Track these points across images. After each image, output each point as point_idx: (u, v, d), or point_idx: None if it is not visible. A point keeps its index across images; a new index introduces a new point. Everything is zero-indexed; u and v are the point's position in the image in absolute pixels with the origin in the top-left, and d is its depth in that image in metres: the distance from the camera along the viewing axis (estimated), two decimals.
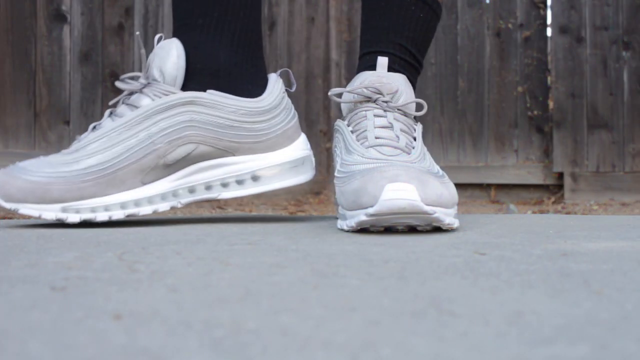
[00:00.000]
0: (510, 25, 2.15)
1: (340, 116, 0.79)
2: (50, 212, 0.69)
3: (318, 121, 2.18)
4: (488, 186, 2.14)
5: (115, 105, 0.76)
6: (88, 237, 0.61)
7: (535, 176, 2.12)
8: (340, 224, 0.67)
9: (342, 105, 0.77)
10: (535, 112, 2.14)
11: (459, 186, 2.44)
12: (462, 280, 0.40)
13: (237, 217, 0.90)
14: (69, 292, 0.36)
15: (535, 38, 2.14)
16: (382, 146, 0.68)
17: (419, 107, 0.75)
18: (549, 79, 2.14)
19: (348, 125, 0.73)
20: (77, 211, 0.70)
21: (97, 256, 0.49)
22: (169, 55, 0.73)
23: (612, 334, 0.28)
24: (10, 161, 1.82)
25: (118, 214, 0.71)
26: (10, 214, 1.45)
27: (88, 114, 1.85)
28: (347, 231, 0.65)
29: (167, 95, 0.73)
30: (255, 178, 0.75)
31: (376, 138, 0.69)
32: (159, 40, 0.76)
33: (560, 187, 2.11)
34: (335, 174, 0.71)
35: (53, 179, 0.69)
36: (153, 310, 0.32)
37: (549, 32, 2.14)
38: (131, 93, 0.75)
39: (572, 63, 2.09)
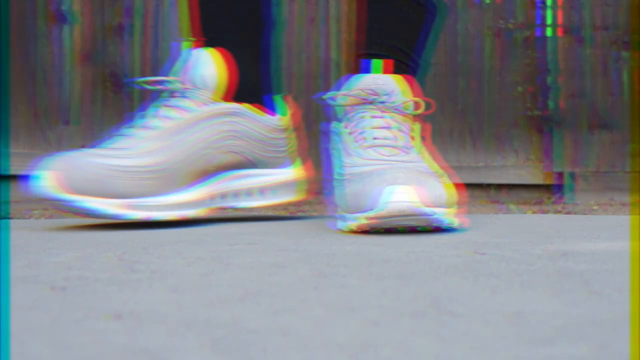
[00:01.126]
0: (510, 25, 2.15)
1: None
2: (112, 207, 0.65)
3: (318, 121, 2.17)
4: (488, 186, 2.14)
5: (144, 106, 0.76)
6: (88, 237, 0.61)
7: (535, 176, 2.12)
8: (340, 226, 0.67)
9: (337, 109, 0.78)
10: (535, 112, 2.14)
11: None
12: (462, 280, 0.40)
13: (237, 217, 0.89)
14: (69, 292, 0.36)
15: (535, 38, 2.14)
16: (381, 147, 0.68)
17: (417, 106, 0.75)
18: (549, 79, 2.14)
19: (345, 127, 0.73)
20: (137, 208, 0.67)
21: (97, 256, 0.49)
22: (212, 65, 0.75)
23: (612, 334, 0.28)
24: (11, 161, 1.81)
25: (167, 215, 0.69)
26: (10, 214, 1.45)
27: (88, 114, 1.85)
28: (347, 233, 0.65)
29: (213, 103, 0.74)
30: (274, 190, 0.79)
31: (374, 139, 0.69)
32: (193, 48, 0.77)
33: (560, 187, 2.11)
34: (335, 176, 0.71)
35: (119, 172, 0.66)
36: (153, 310, 0.32)
37: (549, 32, 2.14)
38: (170, 95, 0.74)
39: (572, 63, 2.09)
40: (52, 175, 0.61)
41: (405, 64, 0.80)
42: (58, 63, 1.80)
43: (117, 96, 1.88)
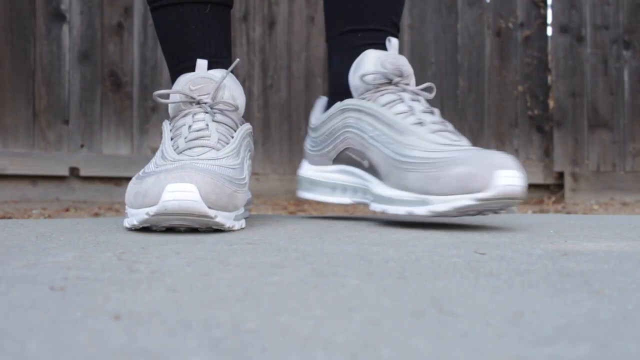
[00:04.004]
0: (510, 25, 2.15)
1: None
2: (230, 221, 0.64)
3: None
4: None
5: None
6: (87, 237, 0.61)
7: (536, 176, 2.11)
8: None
9: (357, 85, 0.77)
10: (536, 112, 2.14)
11: None
12: (462, 280, 0.40)
13: None
14: (68, 292, 0.36)
15: (535, 37, 2.14)
16: (444, 131, 0.70)
17: (429, 91, 0.76)
18: (549, 78, 2.14)
19: (382, 105, 0.73)
20: (238, 219, 0.67)
21: (96, 256, 0.49)
22: (240, 88, 0.77)
23: (612, 334, 0.28)
24: (9, 161, 1.81)
25: (243, 224, 0.69)
26: (9, 214, 1.45)
27: (87, 113, 1.85)
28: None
29: (243, 123, 0.76)
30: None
31: (433, 123, 0.71)
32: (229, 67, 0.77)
33: (560, 186, 2.11)
34: (400, 159, 0.71)
35: (239, 186, 0.66)
36: (152, 310, 0.32)
37: (549, 31, 2.14)
38: (218, 111, 0.73)
39: (572, 62, 2.09)
40: (194, 189, 0.60)
41: (396, 37, 0.80)
42: (57, 62, 1.80)
43: (116, 95, 1.88)
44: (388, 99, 0.73)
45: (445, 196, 0.64)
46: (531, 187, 2.14)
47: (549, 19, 2.14)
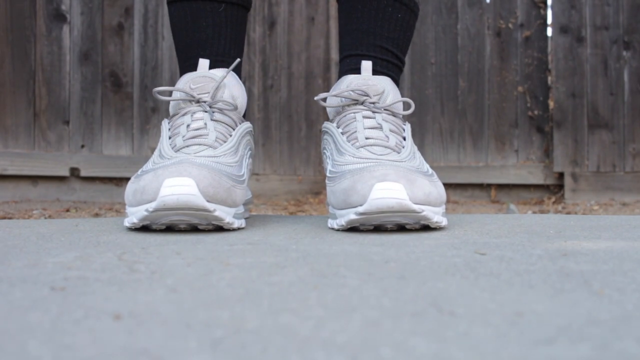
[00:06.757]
0: (510, 25, 2.15)
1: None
2: (229, 217, 0.65)
3: (318, 121, 2.18)
4: (488, 186, 2.14)
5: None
6: (88, 237, 0.61)
7: (536, 176, 2.11)
8: (331, 223, 0.68)
9: (329, 109, 0.78)
10: (536, 112, 2.14)
11: (459, 186, 2.42)
12: (462, 280, 0.40)
13: None
14: (69, 292, 0.36)
15: (535, 38, 2.14)
16: (373, 146, 0.69)
17: (406, 106, 0.76)
18: (549, 78, 2.14)
19: (337, 127, 0.73)
20: (238, 217, 0.67)
21: (97, 256, 0.49)
22: (241, 87, 0.77)
23: (612, 334, 0.28)
24: (10, 161, 1.81)
25: (244, 223, 0.69)
26: (10, 214, 1.45)
27: (88, 113, 1.85)
28: (338, 230, 0.66)
29: (242, 122, 0.76)
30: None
31: (366, 138, 0.70)
32: (232, 68, 0.77)
33: (560, 187, 2.11)
34: (327, 174, 0.71)
35: (237, 182, 0.67)
36: (153, 311, 0.32)
37: (549, 31, 2.14)
38: (217, 110, 0.73)
39: (572, 63, 2.09)
40: (192, 183, 0.60)
41: (392, 63, 0.81)
42: (58, 63, 1.80)
43: (117, 96, 1.88)
44: (345, 119, 0.74)
45: (340, 210, 0.65)
46: (531, 187, 2.14)
47: (549, 20, 2.14)
